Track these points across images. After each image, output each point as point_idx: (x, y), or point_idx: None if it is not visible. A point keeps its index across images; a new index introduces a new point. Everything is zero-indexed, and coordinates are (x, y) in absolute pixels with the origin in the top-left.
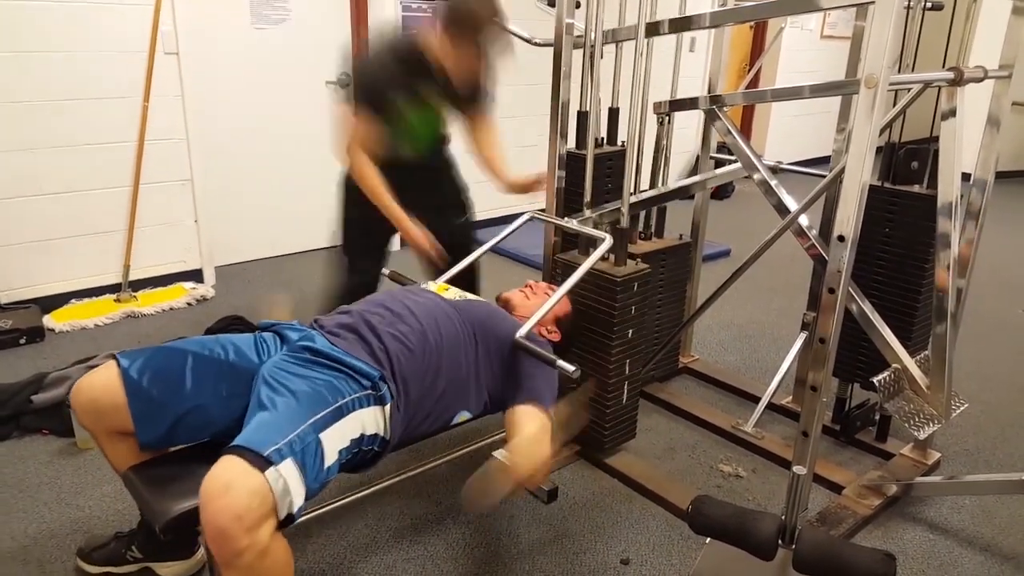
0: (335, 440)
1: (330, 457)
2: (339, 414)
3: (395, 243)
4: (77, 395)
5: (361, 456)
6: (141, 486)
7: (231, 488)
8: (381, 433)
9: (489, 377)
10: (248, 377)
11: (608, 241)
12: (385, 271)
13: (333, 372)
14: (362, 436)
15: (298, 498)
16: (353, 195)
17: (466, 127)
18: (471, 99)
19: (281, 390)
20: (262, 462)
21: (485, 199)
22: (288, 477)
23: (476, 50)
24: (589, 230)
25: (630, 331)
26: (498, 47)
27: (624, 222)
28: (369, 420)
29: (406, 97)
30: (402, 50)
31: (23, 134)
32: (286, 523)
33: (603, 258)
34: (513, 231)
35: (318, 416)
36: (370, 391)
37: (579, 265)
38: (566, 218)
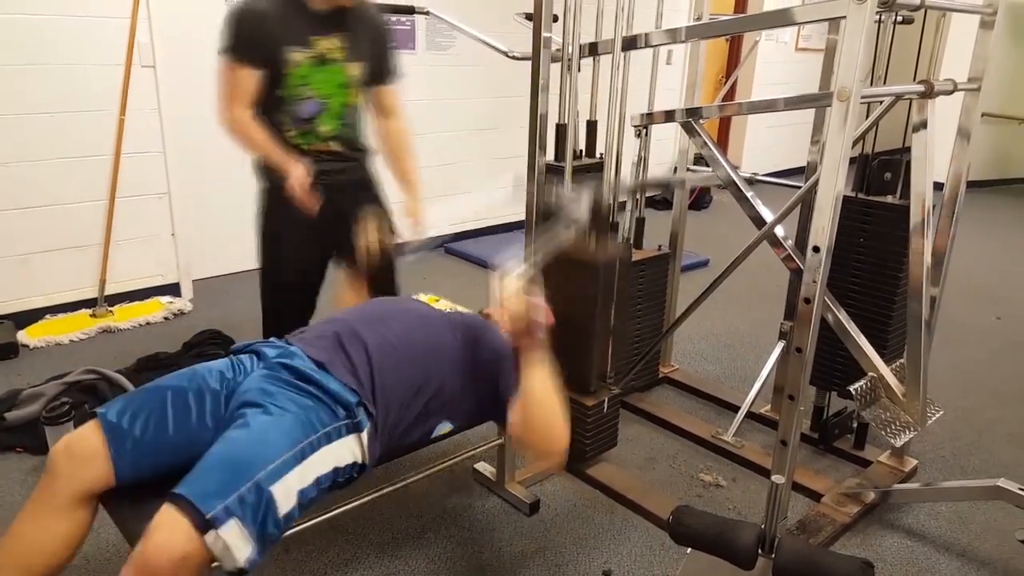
0: (294, 484)
1: (285, 505)
2: (302, 455)
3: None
4: (54, 456)
5: (339, 484)
6: (120, 505)
7: (168, 542)
8: (359, 460)
9: (478, 388)
10: (226, 402)
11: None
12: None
13: (308, 399)
14: (335, 470)
15: (242, 553)
16: (270, 199)
17: (369, 92)
18: (362, 33)
19: (249, 420)
20: (203, 523)
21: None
22: (229, 538)
23: None
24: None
25: (612, 315)
26: None
27: (604, 208)
28: (344, 452)
29: (290, 40)
30: None
31: None
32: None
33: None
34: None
35: (275, 464)
36: (345, 420)
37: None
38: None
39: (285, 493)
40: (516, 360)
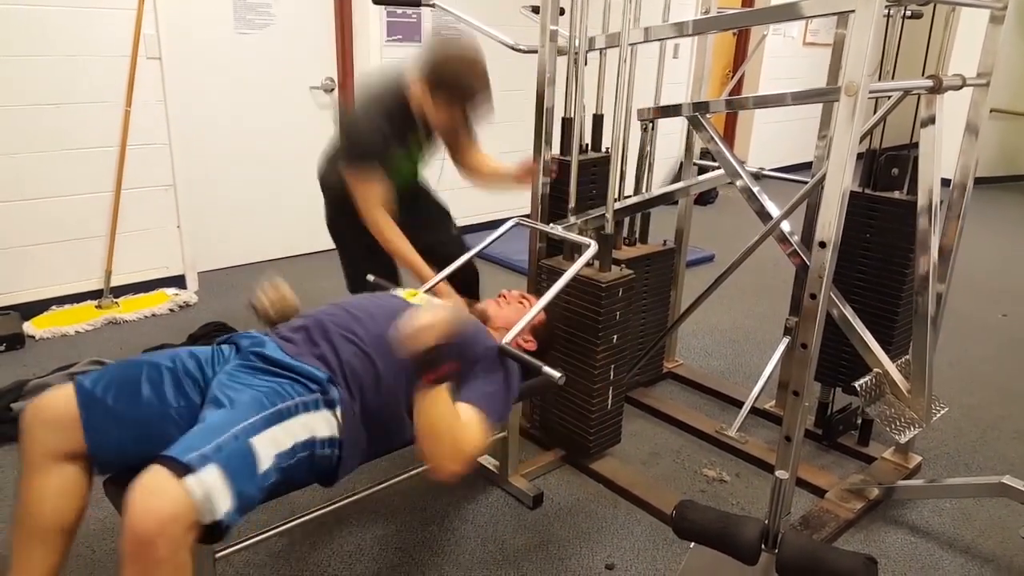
0: (270, 444)
1: (265, 461)
2: (279, 417)
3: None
4: (25, 417)
5: (321, 462)
6: (119, 491)
7: (153, 496)
8: (336, 435)
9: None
10: (203, 388)
11: (593, 247)
12: (370, 277)
13: (278, 378)
14: (313, 440)
15: (223, 503)
16: (354, 231)
17: (450, 151)
18: (453, 140)
19: (222, 400)
20: (182, 469)
21: (471, 205)
22: (209, 483)
23: (461, 114)
24: (574, 236)
25: (615, 336)
26: (483, 112)
27: (608, 228)
28: (320, 424)
29: (398, 148)
30: (389, 102)
31: (3, 138)
32: (215, 530)
33: (588, 264)
34: (499, 237)
35: (251, 420)
36: (318, 395)
37: (564, 271)
38: (551, 224)
39: (263, 448)
40: (516, 355)
